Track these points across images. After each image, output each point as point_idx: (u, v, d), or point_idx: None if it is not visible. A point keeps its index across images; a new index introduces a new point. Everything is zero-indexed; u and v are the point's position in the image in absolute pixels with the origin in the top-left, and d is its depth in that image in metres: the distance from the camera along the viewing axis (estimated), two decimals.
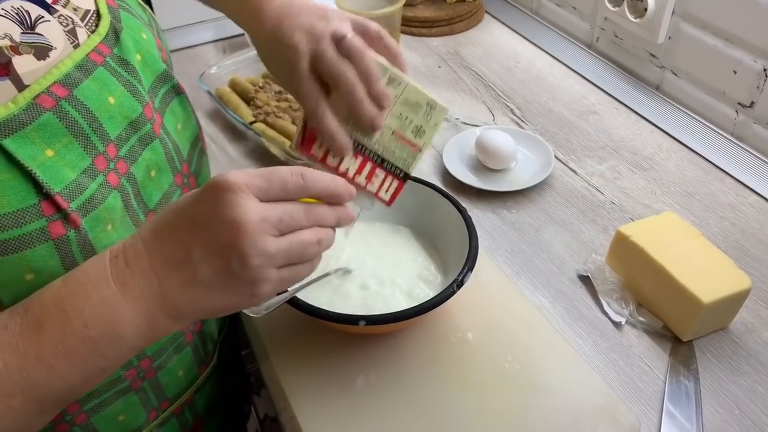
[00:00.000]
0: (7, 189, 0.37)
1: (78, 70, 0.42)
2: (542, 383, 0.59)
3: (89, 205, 0.41)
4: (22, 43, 0.39)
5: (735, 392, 0.60)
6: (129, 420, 0.54)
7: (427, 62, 1.13)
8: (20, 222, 0.38)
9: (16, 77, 0.39)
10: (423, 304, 0.57)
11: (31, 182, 0.38)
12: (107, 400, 0.51)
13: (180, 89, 0.53)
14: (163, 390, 0.56)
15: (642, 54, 1.04)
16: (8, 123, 0.37)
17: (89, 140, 0.42)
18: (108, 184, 0.43)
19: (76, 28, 0.44)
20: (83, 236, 0.41)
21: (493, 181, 0.84)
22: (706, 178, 0.86)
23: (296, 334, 0.64)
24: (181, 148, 0.53)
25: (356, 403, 0.58)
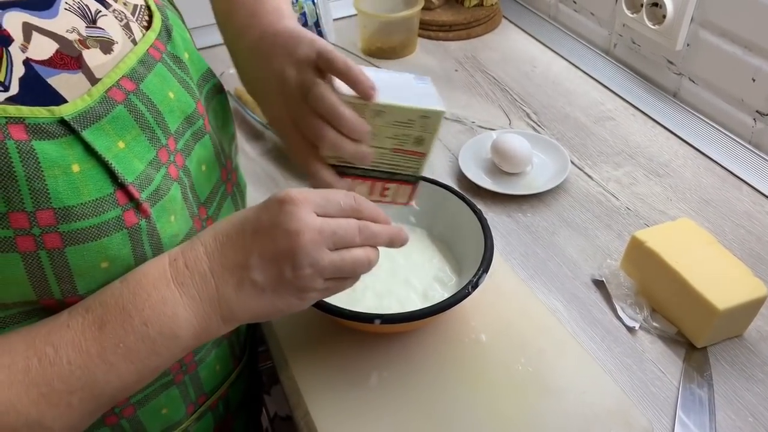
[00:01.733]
0: (87, 179, 0.39)
1: (141, 65, 0.44)
2: (555, 386, 0.60)
3: (156, 195, 0.43)
4: (89, 37, 0.41)
5: (749, 399, 0.60)
6: (171, 413, 0.55)
7: (444, 66, 1.14)
8: (99, 210, 0.39)
9: (88, 70, 0.40)
10: (437, 305, 0.57)
11: (107, 173, 0.40)
12: (151, 394, 0.52)
13: (221, 88, 0.55)
14: (201, 384, 0.57)
15: (660, 61, 1.03)
16: (86, 115, 0.39)
17: (154, 133, 0.44)
18: (170, 176, 0.45)
19: (130, 23, 0.45)
20: (152, 226, 0.43)
21: (508, 185, 0.85)
22: (723, 185, 0.85)
23: (311, 332, 0.65)
24: (224, 147, 0.55)
25: (369, 401, 0.59)
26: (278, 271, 0.42)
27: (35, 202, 0.37)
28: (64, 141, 0.38)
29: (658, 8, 0.98)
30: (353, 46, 1.19)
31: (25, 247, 0.38)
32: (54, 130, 0.37)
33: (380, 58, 1.15)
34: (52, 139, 0.37)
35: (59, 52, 0.39)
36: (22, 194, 0.36)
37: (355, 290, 0.64)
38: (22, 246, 0.37)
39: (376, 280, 0.66)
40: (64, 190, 0.38)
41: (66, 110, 0.38)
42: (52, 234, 0.38)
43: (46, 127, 0.37)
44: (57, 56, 0.39)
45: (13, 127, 0.36)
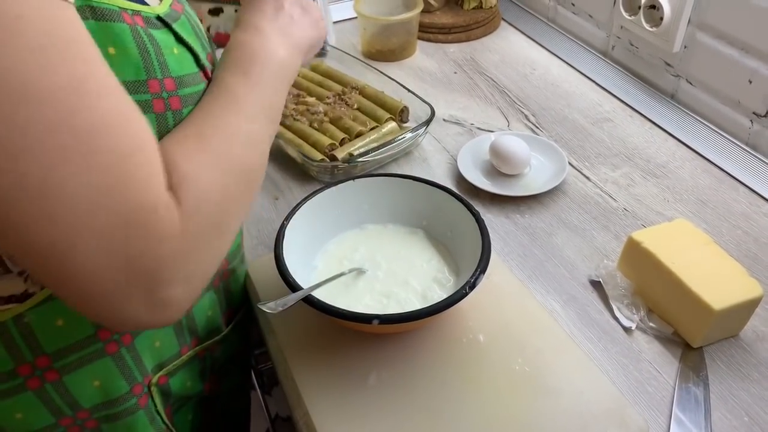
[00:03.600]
0: (183, 59, 0.50)
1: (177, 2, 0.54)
2: (552, 386, 0.60)
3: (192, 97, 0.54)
4: None
5: (744, 399, 0.61)
6: (163, 348, 0.61)
7: (444, 68, 1.15)
8: (195, 81, 0.50)
9: None
10: (435, 305, 0.58)
11: (192, 56, 0.51)
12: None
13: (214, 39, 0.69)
14: (196, 326, 0.64)
15: (657, 63, 1.04)
16: (169, 15, 0.49)
17: (202, 41, 0.54)
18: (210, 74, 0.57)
19: None
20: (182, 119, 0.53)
21: (506, 186, 0.85)
22: (720, 186, 0.86)
23: (310, 332, 0.65)
24: None
25: (368, 401, 0.59)
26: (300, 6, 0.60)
27: (162, 71, 0.47)
28: (163, 31, 0.48)
29: (656, 10, 0.98)
30: (353, 48, 1.20)
31: (159, 109, 0.47)
32: (156, 22, 0.47)
33: (380, 61, 1.16)
34: (157, 29, 0.47)
35: None
36: (154, 65, 0.46)
37: (353, 291, 0.65)
38: (157, 107, 0.47)
39: (376, 281, 0.67)
40: (175, 64, 0.48)
41: (158, 10, 0.48)
42: (174, 97, 0.48)
43: (152, 20, 0.47)
44: None
45: (137, 17, 0.45)
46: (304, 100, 0.97)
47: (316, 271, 0.68)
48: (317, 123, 0.92)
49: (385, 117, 0.93)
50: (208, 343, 0.67)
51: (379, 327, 0.58)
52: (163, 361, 0.61)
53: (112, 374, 0.56)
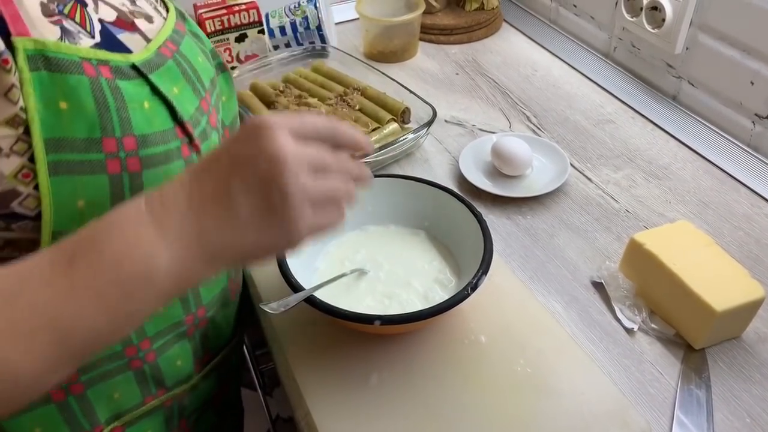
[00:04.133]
0: (155, 113, 0.46)
1: (176, 34, 0.52)
2: (554, 387, 0.60)
3: (203, 136, 0.51)
4: (134, 11, 0.50)
5: (747, 400, 0.61)
6: (184, 365, 0.60)
7: (445, 69, 1.15)
8: (165, 140, 0.46)
9: (142, 33, 0.49)
10: (437, 306, 0.58)
11: (168, 110, 0.47)
12: (169, 342, 0.56)
13: (225, 67, 0.62)
14: (209, 342, 0.62)
15: (659, 64, 1.04)
16: (149, 63, 0.47)
17: (195, 86, 0.51)
18: (210, 123, 0.53)
19: (156, 6, 0.54)
20: None
21: (508, 187, 0.85)
22: (722, 188, 0.86)
23: (312, 333, 0.65)
24: (224, 117, 0.60)
25: (369, 401, 0.59)
26: (264, 199, 0.39)
27: (122, 128, 0.43)
28: (136, 82, 0.45)
29: (658, 12, 0.98)
30: (355, 50, 1.20)
31: (113, 169, 0.43)
32: (128, 72, 0.45)
33: (382, 62, 1.16)
34: (128, 79, 0.44)
35: (119, 18, 0.48)
36: (113, 122, 0.43)
37: (355, 292, 0.65)
38: (111, 168, 0.43)
39: (377, 282, 0.67)
40: (141, 121, 0.44)
41: (135, 58, 0.46)
42: (134, 158, 0.44)
43: (124, 70, 0.44)
44: (118, 20, 0.48)
45: (102, 68, 0.43)
46: (305, 101, 0.97)
47: (317, 272, 0.68)
48: None
49: (387, 118, 0.94)
50: (176, 392, 0.60)
51: (380, 328, 0.58)
52: (121, 412, 0.56)
53: (55, 422, 0.52)
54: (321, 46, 1.12)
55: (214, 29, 1.07)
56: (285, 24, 1.14)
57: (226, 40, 1.09)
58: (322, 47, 1.12)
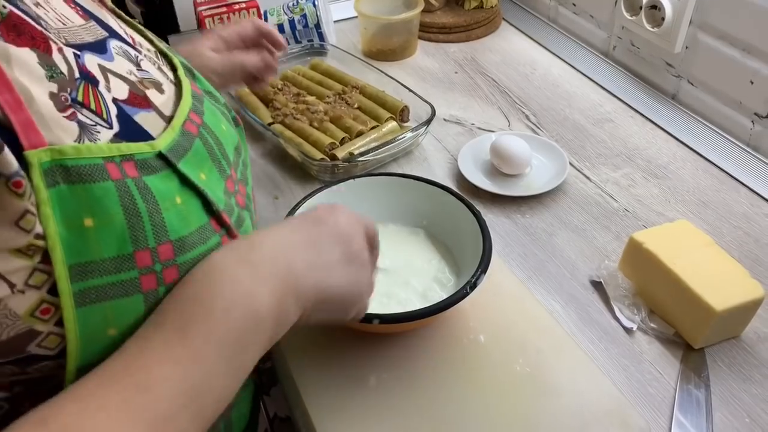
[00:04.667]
0: (189, 209, 0.39)
1: (196, 101, 0.45)
2: (553, 386, 0.60)
3: (239, 222, 0.44)
4: (143, 79, 0.42)
5: (746, 400, 0.60)
6: None
7: (444, 68, 1.14)
8: (204, 238, 0.39)
9: (157, 108, 0.41)
10: (436, 305, 0.58)
11: (201, 202, 0.40)
12: None
13: (238, 121, 0.56)
14: None
15: (658, 63, 1.04)
16: (176, 149, 0.39)
17: (221, 164, 0.44)
18: (239, 204, 0.46)
19: (160, 66, 0.46)
20: None
21: (507, 186, 0.85)
22: (721, 187, 0.86)
23: (311, 332, 0.65)
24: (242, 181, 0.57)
25: (368, 401, 0.59)
26: (346, 247, 0.45)
27: (156, 236, 0.36)
28: (164, 174, 0.38)
29: (657, 11, 0.98)
30: (354, 48, 1.20)
31: (149, 286, 0.36)
32: (155, 164, 0.37)
33: (381, 60, 1.16)
34: (156, 173, 0.37)
35: (131, 92, 0.40)
36: (146, 230, 0.36)
37: None
38: (146, 285, 0.36)
39: (376, 282, 0.66)
40: (176, 222, 0.37)
41: (160, 144, 0.38)
42: (171, 268, 0.37)
43: (150, 162, 0.37)
44: (132, 96, 0.39)
45: (127, 165, 0.35)
46: (304, 99, 0.97)
47: None
48: (317, 122, 0.92)
49: (386, 116, 0.93)
50: None
51: (379, 327, 0.57)
52: None
53: None
54: (319, 44, 1.12)
55: (213, 27, 1.06)
56: (283, 22, 1.13)
57: None
58: (321, 45, 1.12)
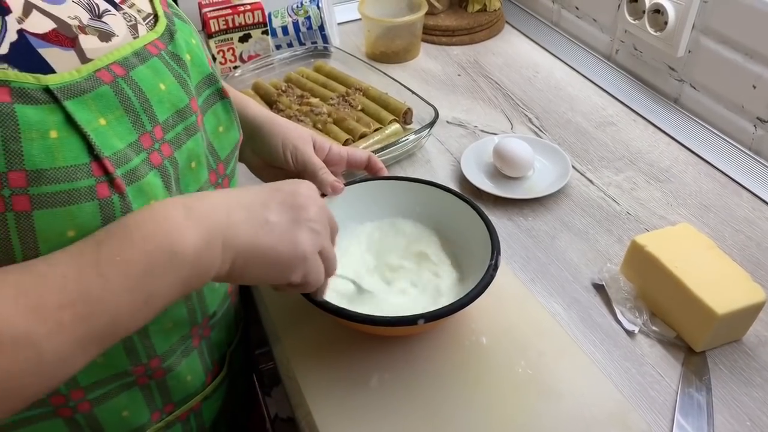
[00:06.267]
0: (63, 146, 0.40)
1: (135, 56, 0.46)
2: (554, 389, 0.60)
3: (133, 175, 0.44)
4: (89, 26, 0.44)
5: (747, 404, 0.61)
6: (132, 417, 0.55)
7: (447, 71, 1.15)
8: (71, 177, 0.40)
9: (81, 51, 0.43)
10: (473, 291, 0.58)
11: (84, 144, 0.41)
12: (111, 392, 0.52)
13: (224, 94, 0.57)
14: (169, 392, 0.57)
15: (661, 67, 1.04)
16: (71, 88, 0.41)
17: (138, 118, 0.45)
18: (150, 161, 0.46)
19: (138, 24, 0.48)
20: (127, 204, 0.43)
21: (510, 189, 0.85)
22: (723, 191, 0.86)
23: (314, 333, 0.65)
24: (218, 150, 0.56)
25: (370, 402, 0.59)
26: (294, 215, 0.48)
27: (8, 162, 0.38)
28: (46, 107, 0.39)
29: (660, 15, 0.98)
30: (357, 50, 1.20)
31: None
32: (38, 96, 0.39)
33: (384, 63, 1.16)
34: (35, 104, 0.39)
35: (55, 31, 0.41)
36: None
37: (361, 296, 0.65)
38: None
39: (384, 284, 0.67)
40: (38, 154, 0.39)
41: (52, 80, 0.40)
42: (22, 196, 0.38)
43: (31, 93, 0.39)
44: (52, 33, 0.41)
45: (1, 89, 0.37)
46: (307, 101, 0.97)
47: None
48: (321, 124, 0.92)
49: (389, 118, 0.94)
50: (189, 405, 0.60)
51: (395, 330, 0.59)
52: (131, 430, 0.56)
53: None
54: (323, 46, 1.12)
55: (218, 29, 1.07)
56: (287, 24, 1.14)
57: (230, 40, 1.09)
58: (325, 47, 1.12)
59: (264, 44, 1.12)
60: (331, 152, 0.73)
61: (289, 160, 0.69)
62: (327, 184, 0.69)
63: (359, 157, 0.74)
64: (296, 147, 0.69)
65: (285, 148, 0.69)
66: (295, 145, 0.69)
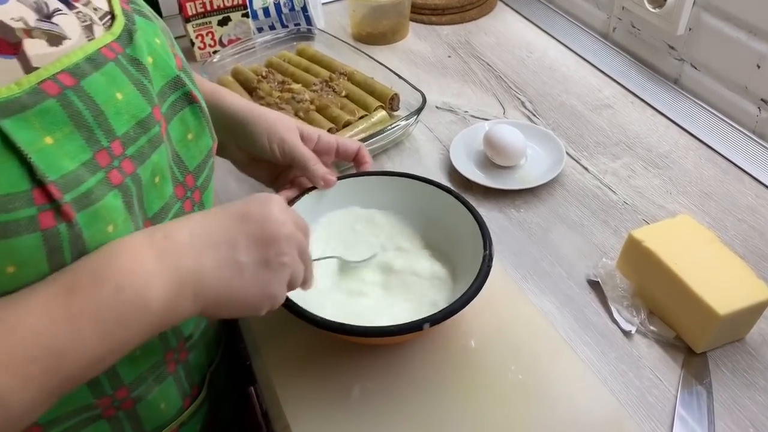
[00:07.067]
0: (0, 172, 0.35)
1: (88, 63, 0.41)
2: (547, 394, 0.57)
3: (86, 199, 0.39)
4: (36, 29, 0.39)
5: (750, 408, 0.57)
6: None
7: (437, 52, 1.10)
8: (8, 207, 0.36)
9: (24, 58, 0.38)
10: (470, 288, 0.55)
11: (25, 167, 0.36)
12: (73, 427, 0.48)
13: (193, 98, 0.52)
14: (141, 422, 0.53)
15: (660, 46, 0.99)
16: (8, 105, 0.36)
17: (92, 133, 0.40)
18: (108, 181, 0.41)
19: (94, 25, 0.43)
20: (76, 232, 0.39)
21: (501, 179, 0.81)
22: (725, 177, 0.82)
23: (294, 340, 0.62)
24: (186, 160, 0.51)
25: (352, 413, 0.56)
26: (264, 252, 0.45)
27: None
28: None
29: None
30: (343, 31, 1.15)
31: None
32: None
33: (371, 44, 1.11)
34: None
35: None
36: None
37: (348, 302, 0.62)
38: None
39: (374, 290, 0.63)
40: None
41: None
42: None
43: None
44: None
45: None
46: (289, 88, 0.92)
47: None
48: (303, 112, 0.88)
49: (375, 105, 0.89)
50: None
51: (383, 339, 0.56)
52: None
53: None
54: (306, 28, 1.07)
55: (195, 12, 1.02)
56: (269, 4, 1.09)
57: (208, 24, 1.04)
58: (308, 29, 1.07)
59: (244, 27, 1.07)
60: (320, 141, 0.69)
61: (276, 154, 0.66)
62: (318, 177, 0.66)
63: (350, 147, 0.70)
64: (283, 139, 0.65)
65: (271, 142, 0.65)
66: (281, 137, 0.65)
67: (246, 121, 0.66)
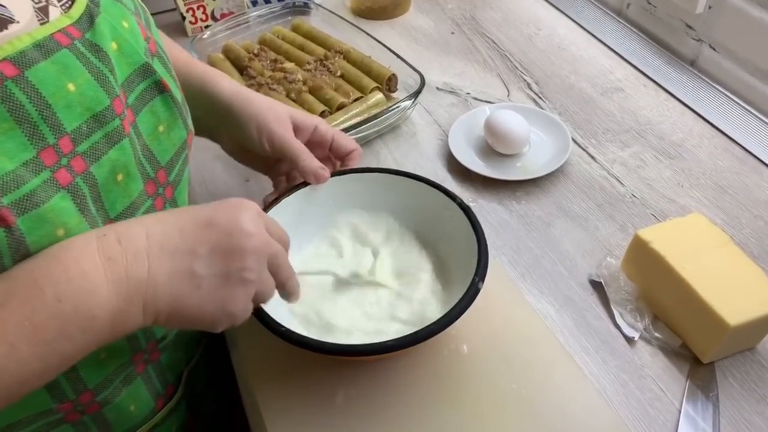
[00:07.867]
0: None
1: (36, 49, 0.37)
2: (542, 406, 0.54)
3: (28, 202, 0.36)
4: None
5: (759, 425, 0.54)
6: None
7: (440, 28, 1.04)
8: None
9: None
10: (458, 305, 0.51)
11: None
12: (38, 430, 0.46)
13: (164, 87, 0.47)
14: (109, 425, 0.51)
15: (677, 24, 0.93)
16: None
17: (36, 129, 0.37)
18: (55, 181, 0.38)
19: (50, 6, 0.39)
20: (17, 238, 0.36)
21: (502, 168, 0.77)
22: (742, 169, 0.77)
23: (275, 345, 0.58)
24: (158, 154, 0.48)
25: (334, 421, 0.53)
26: (226, 267, 0.41)
27: None
28: None
29: None
30: (341, 6, 1.10)
31: None
32: None
33: (371, 19, 1.06)
34: None
35: None
36: None
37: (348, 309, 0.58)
38: None
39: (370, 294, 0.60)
40: None
41: None
42: None
43: None
44: None
45: None
46: (281, 67, 0.88)
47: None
48: (295, 93, 0.83)
49: (371, 86, 0.84)
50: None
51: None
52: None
53: None
54: (303, 2, 1.02)
55: None
56: None
57: None
58: (304, 3, 1.02)
59: (238, 0, 1.01)
60: (316, 132, 0.63)
61: (265, 146, 0.61)
62: (309, 172, 0.61)
63: (343, 145, 0.64)
64: (272, 131, 0.60)
65: (260, 133, 0.60)
66: (270, 129, 0.60)
67: (235, 108, 0.61)
